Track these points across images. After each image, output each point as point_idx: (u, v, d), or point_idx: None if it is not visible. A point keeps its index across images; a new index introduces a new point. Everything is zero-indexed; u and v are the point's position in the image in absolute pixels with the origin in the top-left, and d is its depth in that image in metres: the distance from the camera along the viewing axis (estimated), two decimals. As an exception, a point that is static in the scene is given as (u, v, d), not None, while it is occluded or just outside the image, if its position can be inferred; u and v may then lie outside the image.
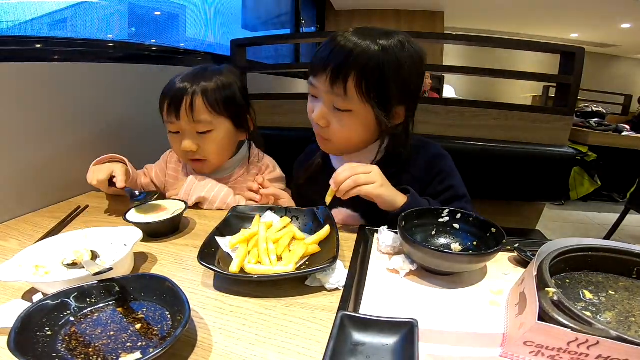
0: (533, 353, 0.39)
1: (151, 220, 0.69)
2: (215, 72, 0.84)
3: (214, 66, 0.87)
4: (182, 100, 0.78)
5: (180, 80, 0.81)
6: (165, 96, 0.81)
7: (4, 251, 0.64)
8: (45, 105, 0.86)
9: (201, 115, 0.80)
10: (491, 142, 1.27)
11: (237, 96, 0.85)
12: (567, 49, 1.23)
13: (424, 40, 1.90)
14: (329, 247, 0.60)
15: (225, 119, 0.83)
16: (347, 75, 0.61)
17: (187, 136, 0.82)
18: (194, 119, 0.79)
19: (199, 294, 0.52)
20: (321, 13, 3.83)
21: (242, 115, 0.87)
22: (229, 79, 0.84)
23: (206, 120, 0.80)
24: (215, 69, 0.86)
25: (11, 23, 0.99)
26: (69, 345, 0.40)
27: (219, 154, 0.87)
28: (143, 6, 1.55)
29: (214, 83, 0.81)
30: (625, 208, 2.25)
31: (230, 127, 0.85)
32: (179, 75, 0.84)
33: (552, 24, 4.63)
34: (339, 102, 0.64)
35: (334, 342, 0.38)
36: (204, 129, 0.81)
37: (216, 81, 0.81)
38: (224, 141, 0.85)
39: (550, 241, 0.52)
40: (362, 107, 0.64)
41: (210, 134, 0.82)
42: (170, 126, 0.83)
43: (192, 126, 0.81)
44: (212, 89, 0.80)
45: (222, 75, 0.84)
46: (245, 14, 2.46)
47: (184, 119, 0.80)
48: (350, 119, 0.65)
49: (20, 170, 0.82)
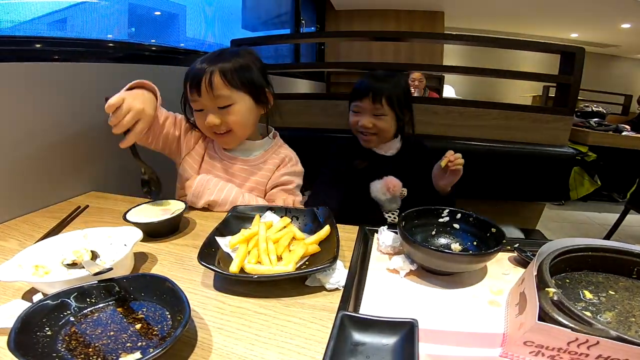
0: (533, 353, 0.39)
1: (151, 221, 0.69)
2: (232, 53, 0.90)
3: (232, 48, 0.95)
4: (202, 78, 0.83)
5: (200, 62, 0.87)
6: (187, 77, 0.87)
7: (4, 251, 0.64)
8: (45, 105, 0.86)
9: (220, 90, 0.84)
10: (491, 142, 1.27)
11: (254, 73, 0.90)
12: (567, 49, 1.23)
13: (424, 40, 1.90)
14: (329, 247, 0.60)
15: (244, 93, 0.88)
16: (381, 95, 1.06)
17: (209, 112, 0.86)
18: (214, 94, 0.84)
19: (199, 294, 0.52)
20: (321, 13, 3.82)
21: (260, 91, 0.92)
22: (246, 59, 0.90)
23: (225, 94, 0.85)
24: (232, 50, 0.92)
25: (11, 23, 0.99)
26: (69, 345, 0.40)
27: (242, 125, 0.90)
28: (143, 6, 1.55)
29: (231, 63, 0.86)
30: (625, 208, 2.25)
31: (250, 101, 0.90)
32: (200, 58, 0.89)
33: (552, 24, 4.63)
34: (377, 112, 1.07)
35: (334, 342, 0.38)
36: (224, 103, 0.86)
37: (234, 61, 0.87)
38: (245, 113, 0.89)
39: (550, 241, 0.52)
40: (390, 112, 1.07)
41: (232, 108, 0.87)
42: (194, 104, 0.87)
43: (213, 102, 0.85)
44: (229, 67, 0.86)
45: (240, 56, 0.89)
46: (245, 14, 2.46)
47: (205, 96, 0.84)
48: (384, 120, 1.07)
49: (20, 170, 0.82)
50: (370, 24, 3.94)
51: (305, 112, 1.47)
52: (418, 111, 1.34)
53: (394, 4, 3.82)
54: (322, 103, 1.45)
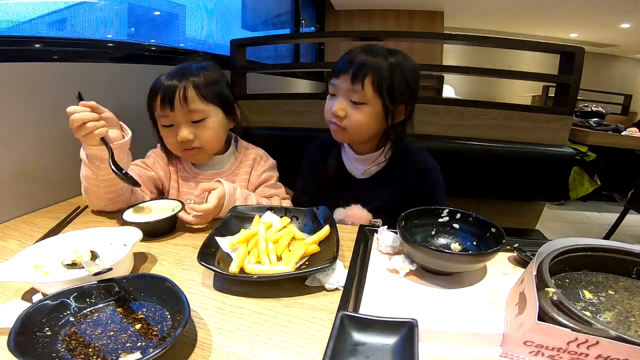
0: (533, 353, 0.39)
1: (148, 220, 0.69)
2: (201, 67, 0.89)
3: (199, 63, 0.92)
4: (175, 92, 0.82)
5: (167, 78, 0.85)
6: (156, 93, 0.84)
7: (4, 251, 0.64)
8: (45, 105, 0.86)
9: (194, 104, 0.84)
10: (491, 142, 1.27)
11: (223, 87, 0.91)
12: (567, 48, 1.23)
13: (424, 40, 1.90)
14: (328, 247, 0.60)
15: (217, 107, 0.88)
16: (366, 74, 0.77)
17: (182, 126, 0.85)
18: (189, 108, 0.83)
19: (198, 294, 0.52)
20: (321, 13, 3.82)
21: (230, 105, 0.92)
22: (214, 73, 0.90)
23: (199, 108, 0.84)
24: (200, 65, 0.90)
25: (11, 23, 0.99)
26: (68, 345, 0.40)
27: (214, 140, 0.90)
28: (143, 6, 1.55)
29: (203, 76, 0.86)
30: (625, 208, 2.25)
31: (221, 114, 0.90)
32: (163, 73, 0.87)
33: (552, 24, 4.63)
34: (355, 97, 0.79)
35: (334, 342, 0.38)
36: (198, 117, 0.85)
37: (204, 75, 0.87)
38: (218, 129, 0.89)
39: (550, 241, 0.52)
40: (374, 101, 0.79)
41: (205, 122, 0.86)
42: (164, 120, 0.86)
43: (187, 116, 0.84)
44: (201, 81, 0.85)
45: (208, 70, 0.89)
46: (245, 14, 2.46)
47: (179, 110, 0.83)
48: (364, 110, 0.80)
49: (20, 170, 0.82)
50: (370, 24, 3.94)
51: (305, 112, 1.46)
52: (418, 111, 1.35)
53: (394, 4, 3.82)
54: (322, 103, 1.45)
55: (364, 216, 0.87)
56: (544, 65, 5.02)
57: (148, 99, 0.86)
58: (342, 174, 0.94)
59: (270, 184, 0.97)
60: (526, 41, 1.51)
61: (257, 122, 1.51)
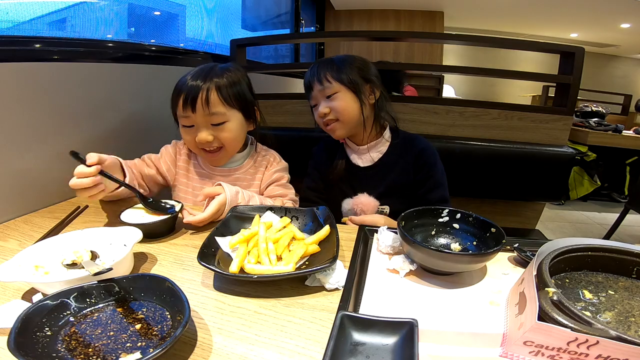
0: (533, 353, 0.39)
1: (146, 221, 0.69)
2: (224, 69, 0.90)
3: (222, 64, 0.93)
4: (198, 94, 0.83)
5: (192, 78, 0.86)
6: (179, 92, 0.85)
7: (4, 251, 0.64)
8: (45, 105, 0.86)
9: (216, 107, 0.85)
10: (491, 142, 1.27)
11: (245, 90, 0.92)
12: (567, 48, 1.23)
13: (424, 40, 1.90)
14: (328, 247, 0.60)
15: (237, 110, 0.89)
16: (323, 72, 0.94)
17: (202, 128, 0.86)
18: (210, 111, 0.84)
19: (199, 294, 0.52)
20: (321, 13, 3.83)
21: (250, 108, 0.93)
22: (237, 75, 0.91)
23: (220, 112, 0.86)
24: (223, 66, 0.91)
25: (11, 23, 0.99)
26: (68, 345, 0.40)
27: (234, 142, 0.92)
28: (143, 6, 1.55)
29: (225, 79, 0.87)
30: (625, 208, 2.25)
31: (241, 118, 0.91)
32: (188, 73, 0.88)
33: (552, 24, 4.63)
34: (327, 92, 0.93)
35: (334, 342, 0.38)
36: (218, 120, 0.86)
37: (227, 77, 0.88)
38: (237, 131, 0.91)
39: (549, 241, 0.52)
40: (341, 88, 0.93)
41: (225, 125, 0.87)
42: (185, 120, 0.87)
43: (207, 119, 0.85)
44: (224, 84, 0.86)
45: (231, 72, 0.90)
46: (245, 14, 2.46)
47: (200, 112, 0.84)
48: (338, 98, 0.93)
49: (20, 170, 0.82)
50: (370, 24, 3.94)
51: (305, 112, 1.46)
52: (418, 111, 1.35)
53: (394, 4, 3.83)
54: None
55: (370, 203, 0.96)
56: (544, 65, 5.03)
57: (172, 98, 0.87)
58: (348, 166, 1.02)
59: (281, 184, 0.98)
60: (526, 41, 1.50)
61: (257, 122, 1.51)
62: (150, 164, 0.97)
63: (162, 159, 0.98)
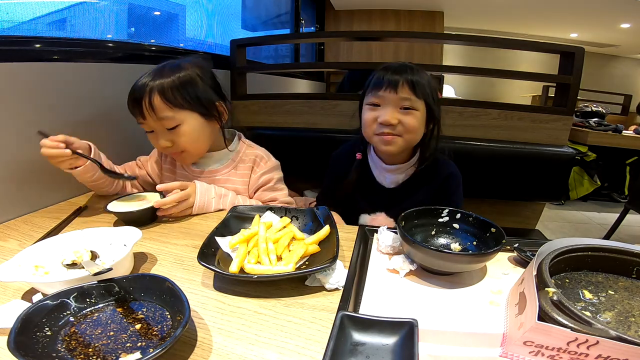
0: (533, 353, 0.39)
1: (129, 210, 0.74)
2: (174, 67, 0.84)
3: (176, 61, 0.87)
4: (142, 100, 0.80)
5: (140, 80, 0.82)
6: (129, 98, 0.82)
7: (4, 251, 0.64)
8: (45, 105, 0.86)
9: (162, 112, 0.80)
10: (491, 142, 1.27)
11: (199, 88, 0.84)
12: (567, 48, 1.23)
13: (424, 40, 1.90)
14: (328, 247, 0.60)
15: (190, 111, 0.83)
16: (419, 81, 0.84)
17: (159, 134, 0.84)
18: (157, 116, 0.80)
19: (199, 294, 0.52)
20: (321, 13, 3.82)
21: (209, 106, 0.86)
22: (189, 72, 0.84)
23: (169, 116, 0.81)
24: (174, 64, 0.85)
25: (11, 23, 0.99)
26: (68, 345, 0.40)
27: (194, 144, 0.87)
28: (142, 6, 1.55)
29: (171, 79, 0.81)
30: (625, 208, 2.25)
31: (198, 117, 0.85)
32: (143, 74, 0.84)
33: (552, 24, 4.63)
34: (407, 103, 0.84)
35: (334, 342, 0.38)
36: (170, 124, 0.82)
37: (173, 78, 0.81)
38: (195, 133, 0.85)
39: (550, 241, 0.52)
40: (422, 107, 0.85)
41: (180, 128, 0.83)
42: (143, 126, 0.85)
43: (159, 124, 0.82)
44: (169, 85, 0.80)
45: (181, 70, 0.83)
46: (245, 14, 2.46)
47: (149, 118, 0.81)
48: (415, 115, 0.85)
49: (19, 170, 0.82)
50: (370, 24, 3.94)
51: (305, 112, 1.46)
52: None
53: (394, 4, 3.82)
54: (322, 103, 1.45)
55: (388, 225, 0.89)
56: (544, 65, 5.02)
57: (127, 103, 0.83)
58: (370, 183, 0.96)
59: (269, 187, 0.95)
60: (526, 41, 1.50)
61: (257, 122, 1.51)
62: (140, 164, 0.99)
63: (149, 161, 0.99)
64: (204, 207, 0.83)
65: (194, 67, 0.86)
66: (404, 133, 0.84)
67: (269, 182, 0.95)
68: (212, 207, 0.84)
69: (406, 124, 0.84)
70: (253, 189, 0.95)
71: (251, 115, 1.53)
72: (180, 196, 0.78)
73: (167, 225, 0.77)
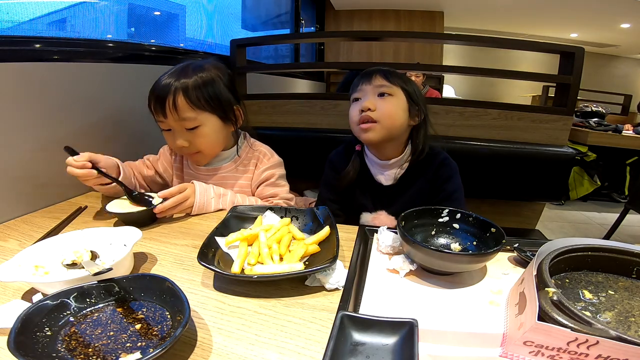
0: (533, 353, 0.39)
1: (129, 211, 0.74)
2: (197, 68, 0.84)
3: (198, 62, 0.88)
4: (166, 99, 0.80)
5: (163, 79, 0.82)
6: (151, 96, 0.83)
7: (4, 251, 0.64)
8: (45, 105, 0.86)
9: (185, 112, 0.81)
10: (491, 142, 1.27)
11: (220, 91, 0.86)
12: (567, 48, 1.23)
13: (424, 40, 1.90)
14: (328, 247, 0.60)
15: (210, 113, 0.85)
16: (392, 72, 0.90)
17: (177, 134, 0.85)
18: (179, 116, 0.81)
19: (199, 294, 0.52)
20: (321, 13, 3.83)
21: (227, 109, 0.88)
22: (211, 74, 0.85)
23: (191, 117, 0.82)
24: (197, 65, 0.86)
25: (11, 23, 0.99)
26: (68, 345, 0.40)
27: (211, 146, 0.89)
28: (143, 6, 1.55)
29: (194, 80, 0.82)
30: (625, 208, 2.25)
31: (217, 120, 0.87)
32: (165, 72, 0.85)
33: (552, 24, 4.63)
34: (384, 89, 0.87)
35: (334, 342, 0.38)
36: (190, 125, 0.83)
37: (197, 78, 0.82)
38: (213, 135, 0.87)
39: (549, 241, 0.52)
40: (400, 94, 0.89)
41: (199, 129, 0.84)
42: (161, 124, 0.86)
43: (180, 123, 0.83)
44: (193, 86, 0.81)
45: (204, 71, 0.84)
46: (245, 14, 2.46)
47: (170, 118, 0.82)
48: (391, 100, 0.88)
49: (20, 170, 0.82)
50: (370, 24, 3.94)
51: (305, 112, 1.46)
52: (418, 111, 1.35)
53: (394, 4, 3.83)
54: (322, 103, 1.45)
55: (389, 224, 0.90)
56: (544, 65, 5.02)
57: (148, 101, 0.85)
58: (369, 181, 0.97)
59: (270, 183, 0.96)
60: (526, 41, 1.50)
61: (257, 122, 1.51)
62: (149, 165, 0.98)
63: (159, 161, 0.99)
64: (204, 207, 0.83)
65: (215, 68, 0.87)
66: (382, 119, 0.86)
67: (271, 178, 0.96)
68: (212, 207, 0.84)
69: (382, 108, 0.86)
70: (255, 184, 0.96)
71: (251, 115, 1.52)
72: (178, 199, 0.79)
73: (167, 225, 0.77)
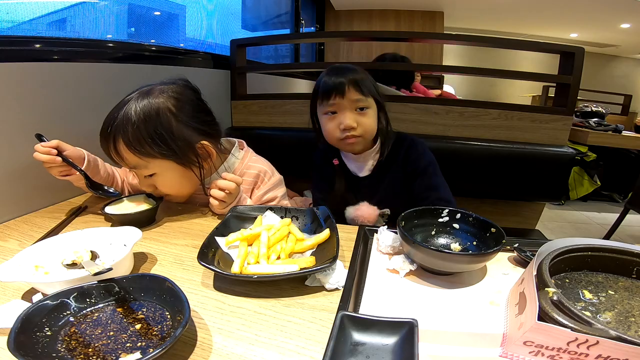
0: (533, 353, 0.39)
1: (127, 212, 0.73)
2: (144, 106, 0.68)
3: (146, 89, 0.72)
4: (108, 146, 0.69)
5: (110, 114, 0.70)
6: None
7: (4, 251, 0.64)
8: (45, 105, 0.86)
9: (132, 161, 0.69)
10: (491, 142, 1.27)
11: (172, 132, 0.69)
12: (567, 49, 1.23)
13: (424, 40, 1.90)
14: (328, 247, 0.60)
15: (162, 160, 0.70)
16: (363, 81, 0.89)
17: (138, 179, 0.77)
18: (128, 165, 0.71)
19: (199, 294, 0.52)
20: (321, 13, 3.82)
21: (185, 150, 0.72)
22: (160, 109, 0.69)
23: (140, 165, 0.70)
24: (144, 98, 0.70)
25: (11, 23, 0.99)
26: (68, 345, 0.40)
27: (177, 191, 0.79)
28: (143, 6, 1.55)
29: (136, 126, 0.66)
30: (625, 208, 2.25)
31: (174, 165, 0.73)
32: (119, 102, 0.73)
33: (552, 24, 4.62)
34: (361, 104, 0.89)
35: (334, 342, 0.38)
36: (145, 173, 0.73)
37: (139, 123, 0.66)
38: (174, 180, 0.75)
39: (549, 241, 0.52)
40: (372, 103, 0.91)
41: (156, 177, 0.73)
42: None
43: (134, 171, 0.75)
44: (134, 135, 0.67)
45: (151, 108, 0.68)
46: (245, 14, 2.46)
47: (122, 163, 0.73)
48: (369, 113, 0.91)
49: (20, 170, 0.82)
50: (370, 24, 3.94)
51: (305, 112, 1.46)
52: (418, 111, 1.35)
53: (394, 4, 3.82)
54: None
55: (371, 213, 0.95)
56: (544, 65, 5.02)
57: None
58: (348, 176, 1.01)
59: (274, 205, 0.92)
60: (526, 41, 1.51)
61: (257, 122, 1.51)
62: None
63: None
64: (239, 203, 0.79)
65: (168, 99, 0.71)
66: (364, 133, 0.91)
67: (274, 200, 0.91)
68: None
69: (364, 125, 0.90)
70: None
71: (251, 115, 1.53)
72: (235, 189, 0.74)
73: (167, 225, 0.77)
